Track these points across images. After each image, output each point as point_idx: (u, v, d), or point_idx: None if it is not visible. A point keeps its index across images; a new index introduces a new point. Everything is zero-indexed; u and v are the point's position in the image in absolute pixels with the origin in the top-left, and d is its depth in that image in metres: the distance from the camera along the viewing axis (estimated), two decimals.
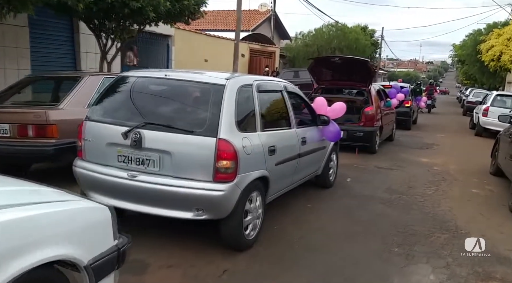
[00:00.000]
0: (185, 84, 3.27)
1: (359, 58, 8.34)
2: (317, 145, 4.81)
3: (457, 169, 7.50)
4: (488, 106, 12.67)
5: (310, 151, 4.52)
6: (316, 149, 4.77)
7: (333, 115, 4.95)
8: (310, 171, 4.80)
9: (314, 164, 4.85)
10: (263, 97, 3.71)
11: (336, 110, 4.98)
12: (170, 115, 3.18)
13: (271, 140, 3.58)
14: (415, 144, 10.33)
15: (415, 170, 7.20)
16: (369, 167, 7.19)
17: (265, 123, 3.61)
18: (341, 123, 8.24)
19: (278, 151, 3.65)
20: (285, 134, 3.97)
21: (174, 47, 14.22)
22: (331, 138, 4.92)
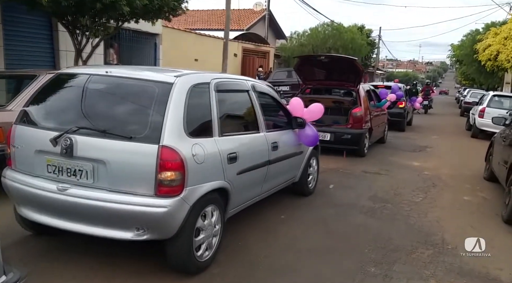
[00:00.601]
0: (128, 83, 2.84)
1: (346, 57, 7.94)
2: (293, 149, 4.40)
3: (449, 174, 7.10)
4: (484, 107, 12.29)
5: (283, 157, 4.12)
6: (291, 154, 4.37)
7: (309, 117, 4.55)
8: (284, 179, 4.39)
9: (289, 170, 4.45)
10: (224, 98, 3.31)
11: (313, 112, 4.57)
12: (108, 119, 2.76)
13: (232, 147, 3.18)
14: (407, 146, 9.93)
15: (404, 175, 6.80)
16: (355, 172, 6.78)
17: (225, 127, 3.20)
18: (328, 125, 7.95)
19: (241, 158, 3.25)
20: (251, 139, 3.56)
21: (162, 46, 13.80)
22: (308, 142, 4.52)
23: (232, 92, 3.51)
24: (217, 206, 3.04)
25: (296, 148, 4.51)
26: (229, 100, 3.45)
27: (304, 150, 4.73)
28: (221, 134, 3.09)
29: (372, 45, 33.50)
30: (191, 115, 2.80)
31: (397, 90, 12.36)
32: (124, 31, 11.99)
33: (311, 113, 4.53)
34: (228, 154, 3.09)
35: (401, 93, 12.27)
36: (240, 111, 3.62)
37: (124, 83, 2.84)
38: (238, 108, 3.61)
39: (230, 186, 3.13)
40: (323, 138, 7.71)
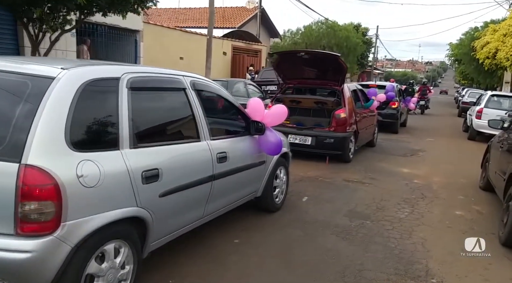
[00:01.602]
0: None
1: (328, 53, 7.24)
2: (250, 159, 3.70)
3: (441, 182, 6.40)
4: (481, 107, 11.59)
5: (236, 169, 3.42)
6: (249, 165, 3.67)
7: (271, 121, 3.84)
8: (240, 195, 3.69)
9: (246, 184, 3.74)
10: (144, 98, 2.62)
11: (274, 115, 3.85)
12: None
13: (151, 161, 2.48)
14: (398, 150, 9.23)
15: (391, 184, 6.09)
16: (336, 181, 6.08)
17: (143, 136, 2.51)
18: (310, 128, 7.24)
19: (167, 175, 2.55)
20: (185, 150, 2.85)
21: (143, 43, 13.09)
22: (270, 151, 3.81)
23: (158, 91, 2.80)
24: (127, 241, 2.34)
25: (256, 157, 3.80)
26: (153, 101, 2.75)
27: (268, 159, 4.02)
28: (134, 146, 2.39)
29: (369, 44, 32.80)
30: (81, 121, 2.10)
31: (390, 90, 11.67)
32: (99, 27, 11.28)
33: (272, 117, 3.82)
34: (143, 171, 2.39)
35: (393, 94, 11.56)
36: (170, 115, 2.89)
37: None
38: (168, 111, 2.89)
39: (148, 213, 2.43)
40: (303, 142, 7.05)
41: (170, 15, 26.97)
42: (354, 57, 25.23)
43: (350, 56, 24.09)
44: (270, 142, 3.74)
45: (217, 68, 17.88)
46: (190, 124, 2.99)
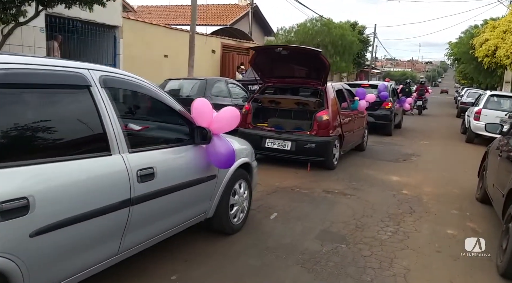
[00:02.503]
0: None
1: (309, 49, 6.56)
2: (194, 174, 3.02)
3: (433, 193, 5.72)
4: (480, 108, 10.91)
5: (170, 189, 2.74)
6: (191, 181, 2.98)
7: (220, 127, 3.13)
8: (178, 220, 2.99)
9: (188, 206, 3.06)
10: (16, 98, 1.93)
11: (224, 119, 3.14)
12: None
13: (17, 188, 1.79)
14: (390, 155, 8.54)
15: (376, 196, 5.41)
16: (314, 192, 5.39)
17: (7, 151, 1.83)
18: (289, 131, 6.55)
19: (43, 205, 1.87)
20: (77, 168, 2.15)
21: (122, 40, 12.40)
22: (219, 163, 3.12)
23: (42, 88, 2.10)
24: None
25: (202, 171, 3.12)
26: (28, 104, 2.05)
27: (220, 173, 3.33)
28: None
29: (366, 43, 32.09)
30: None
31: (383, 90, 10.99)
32: (73, 22, 10.59)
33: (221, 121, 3.12)
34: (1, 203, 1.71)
35: (386, 94, 10.87)
36: (58, 122, 2.17)
37: None
38: (54, 115, 2.17)
39: (12, 263, 1.75)
40: (282, 147, 6.37)
41: (161, 12, 26.30)
42: (350, 56, 24.54)
43: (345, 55, 23.41)
44: (219, 153, 3.05)
45: (205, 67, 17.19)
46: (95, 134, 2.31)
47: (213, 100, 8.96)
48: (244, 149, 3.91)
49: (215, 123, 3.07)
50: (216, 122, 3.08)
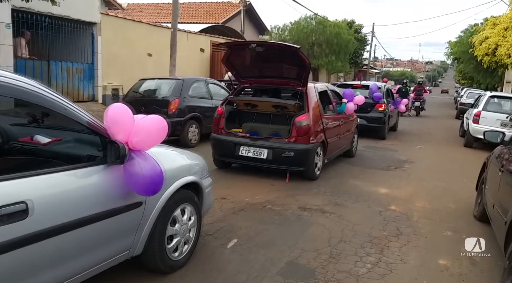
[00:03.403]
0: None
1: (286, 45, 5.86)
2: (102, 205, 2.29)
3: (425, 209, 5.03)
4: (480, 110, 10.22)
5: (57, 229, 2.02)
6: (98, 215, 2.26)
7: (140, 142, 2.42)
8: (78, 267, 2.21)
9: (94, 246, 2.32)
10: None
11: (145, 132, 2.41)
12: None
13: None
14: (381, 162, 7.86)
15: (359, 213, 4.72)
16: (289, 209, 4.70)
17: None
18: (266, 138, 5.87)
19: None
20: None
21: (101, 37, 11.72)
22: (138, 188, 2.41)
23: None
24: None
25: (119, 199, 2.42)
26: None
27: (150, 199, 2.63)
28: None
29: (363, 42, 31.38)
30: None
31: (375, 90, 10.30)
32: (44, 18, 9.91)
33: (143, 134, 2.41)
34: None
35: (380, 95, 10.18)
36: None
37: None
38: None
39: None
40: (258, 156, 5.69)
41: (152, 10, 25.64)
42: (346, 55, 23.83)
43: (341, 54, 22.71)
44: (138, 175, 2.35)
45: (194, 66, 16.52)
46: None
47: (190, 102, 8.30)
48: (192, 165, 3.23)
49: (135, 136, 2.38)
50: (136, 136, 2.38)
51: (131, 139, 2.37)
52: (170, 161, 2.93)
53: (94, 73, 11.80)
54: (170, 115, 7.91)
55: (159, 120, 2.49)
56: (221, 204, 4.69)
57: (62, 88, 10.86)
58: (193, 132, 8.32)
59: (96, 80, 11.86)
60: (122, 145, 2.29)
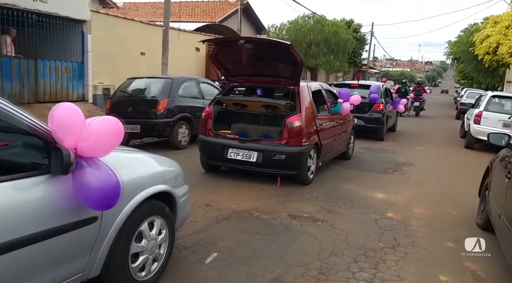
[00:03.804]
0: None
1: (276, 41, 5.52)
2: (42, 222, 1.93)
3: (424, 217, 4.70)
4: (481, 111, 9.90)
5: None
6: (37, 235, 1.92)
7: (91, 148, 2.07)
8: None
9: (36, 270, 1.99)
10: None
11: (96, 136, 2.05)
12: None
13: None
14: (378, 164, 7.52)
15: (354, 222, 4.38)
16: (278, 217, 4.36)
17: None
18: (256, 140, 5.53)
19: None
20: None
21: (92, 35, 11.37)
22: (89, 202, 2.07)
23: None
24: None
25: (67, 215, 2.07)
26: None
27: (108, 213, 2.29)
28: None
29: (362, 42, 31.05)
30: None
31: (375, 91, 9.94)
32: (30, 15, 9.56)
33: (92, 139, 2.07)
34: None
35: (376, 96, 9.83)
36: None
37: None
38: None
39: None
40: (247, 159, 5.36)
41: (148, 9, 25.29)
42: (344, 55, 23.49)
43: (339, 53, 22.38)
44: (89, 186, 2.02)
45: (189, 65, 16.19)
46: None
47: (180, 102, 7.97)
48: (164, 172, 2.89)
49: (85, 141, 2.04)
50: (87, 140, 2.04)
51: (81, 144, 2.03)
52: (134, 169, 2.60)
53: (84, 73, 11.45)
54: (158, 115, 7.60)
55: (113, 122, 2.15)
56: (205, 211, 4.36)
57: (51, 87, 10.52)
58: (183, 134, 7.99)
59: (86, 79, 11.50)
60: (67, 152, 1.95)
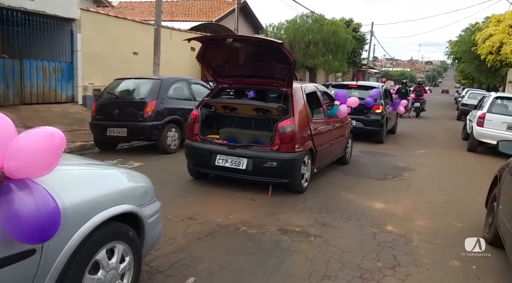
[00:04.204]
0: None
1: (266, 40, 5.15)
2: None
3: (427, 230, 4.32)
4: (484, 112, 9.52)
5: None
6: None
7: (22, 167, 1.67)
8: None
9: None
10: None
11: (27, 152, 1.65)
12: None
13: None
14: (378, 169, 7.14)
15: (350, 237, 4.00)
16: (266, 233, 3.98)
17: None
18: (246, 145, 5.15)
19: None
20: None
21: (81, 35, 11.00)
22: (21, 233, 1.68)
23: None
24: None
25: None
26: None
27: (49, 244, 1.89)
28: None
29: (362, 41, 30.65)
30: None
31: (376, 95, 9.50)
32: (16, 13, 9.19)
33: (23, 157, 1.67)
34: None
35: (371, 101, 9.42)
36: None
37: None
38: None
39: None
40: (237, 166, 4.99)
41: (144, 8, 24.93)
42: (343, 54, 23.10)
43: (338, 53, 21.99)
44: (18, 215, 1.64)
45: (184, 65, 15.82)
46: None
47: (170, 103, 7.60)
48: (128, 189, 2.52)
49: (13, 159, 1.66)
50: (15, 158, 1.66)
51: (8, 163, 1.65)
52: (90, 187, 2.22)
53: (74, 73, 11.08)
54: (146, 118, 7.23)
55: (48, 135, 1.77)
56: (187, 226, 3.98)
57: (38, 88, 10.17)
58: (172, 137, 7.61)
59: (76, 80, 11.13)
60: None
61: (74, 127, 9.30)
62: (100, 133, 7.51)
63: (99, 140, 7.71)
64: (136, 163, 6.68)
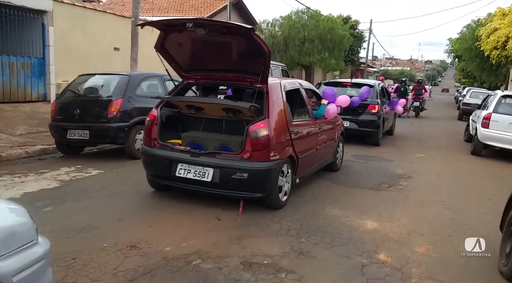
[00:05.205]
0: None
1: (234, 24, 4.29)
2: None
3: (429, 259, 3.49)
4: (490, 113, 8.70)
5: None
6: None
7: None
8: None
9: None
10: None
11: None
12: None
13: None
14: (372, 177, 6.31)
15: (331, 272, 3.17)
16: (224, 268, 3.13)
17: None
18: (213, 152, 4.32)
19: None
20: None
21: (54, 28, 10.16)
22: None
23: None
24: None
25: None
26: None
27: None
28: None
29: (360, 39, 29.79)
30: None
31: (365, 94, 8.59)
32: None
33: None
34: None
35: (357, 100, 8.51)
36: None
37: None
38: None
39: None
40: (201, 178, 4.16)
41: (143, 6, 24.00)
42: (340, 52, 22.25)
43: (335, 50, 21.14)
44: None
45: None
46: None
47: (139, 102, 6.76)
48: None
49: None
50: None
51: None
52: None
53: (46, 69, 10.25)
54: (110, 119, 6.40)
55: None
56: (123, 259, 3.13)
57: (4, 86, 9.34)
58: (141, 141, 6.76)
59: (48, 77, 10.30)
60: None
61: (40, 128, 8.46)
62: (60, 136, 6.68)
63: (61, 144, 6.87)
64: (95, 170, 5.84)
